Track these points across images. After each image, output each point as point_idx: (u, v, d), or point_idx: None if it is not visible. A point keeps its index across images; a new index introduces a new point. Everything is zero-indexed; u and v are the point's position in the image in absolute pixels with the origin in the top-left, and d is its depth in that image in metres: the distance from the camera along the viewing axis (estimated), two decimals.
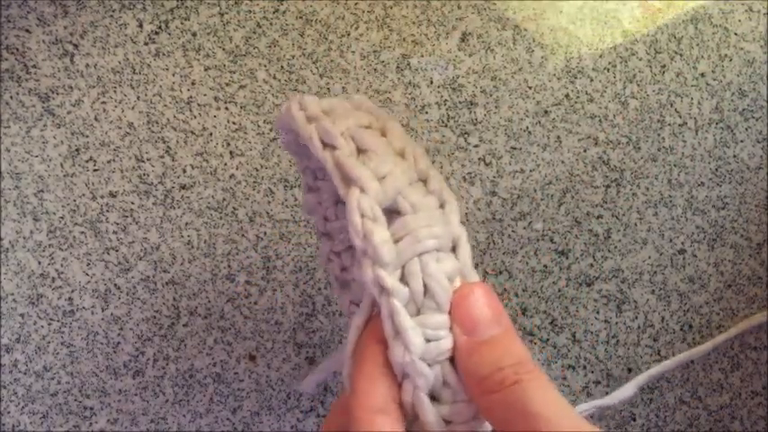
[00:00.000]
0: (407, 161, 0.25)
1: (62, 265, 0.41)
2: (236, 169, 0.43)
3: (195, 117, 0.43)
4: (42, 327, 0.40)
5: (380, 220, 0.24)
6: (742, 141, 0.47)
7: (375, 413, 0.24)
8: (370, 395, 0.24)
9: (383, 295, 0.24)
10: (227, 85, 0.43)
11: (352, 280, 0.37)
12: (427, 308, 0.24)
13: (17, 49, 0.42)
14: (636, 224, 0.45)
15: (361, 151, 0.25)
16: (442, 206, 0.25)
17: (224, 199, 0.42)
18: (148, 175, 0.42)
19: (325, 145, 0.26)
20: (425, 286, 0.24)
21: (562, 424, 0.22)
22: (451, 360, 0.24)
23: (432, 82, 0.45)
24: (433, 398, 0.24)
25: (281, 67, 0.44)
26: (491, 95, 0.45)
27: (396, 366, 0.24)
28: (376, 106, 0.28)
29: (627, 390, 0.43)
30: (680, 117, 0.46)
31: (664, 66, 0.46)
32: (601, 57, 0.46)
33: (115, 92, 0.42)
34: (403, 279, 0.24)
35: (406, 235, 0.24)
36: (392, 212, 0.25)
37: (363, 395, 0.24)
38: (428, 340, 0.24)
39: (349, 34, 0.44)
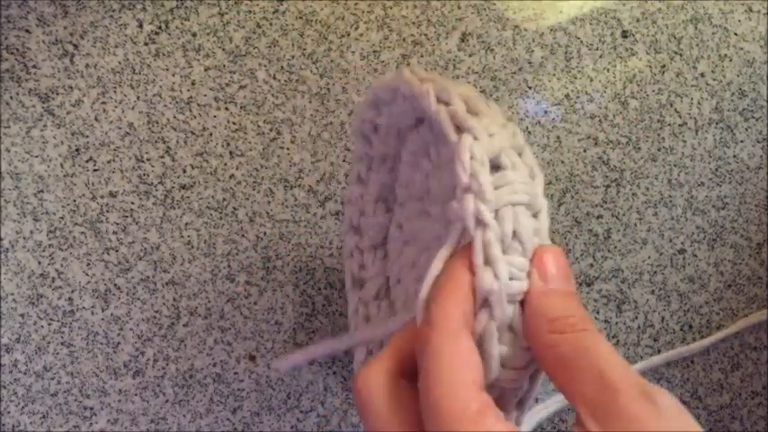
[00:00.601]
0: (508, 131, 0.28)
1: (62, 265, 0.41)
2: (236, 169, 0.43)
3: (195, 117, 0.43)
4: (42, 327, 0.40)
5: (487, 165, 0.26)
6: (742, 141, 0.47)
7: (454, 329, 0.25)
8: (452, 314, 0.25)
9: (479, 228, 0.26)
10: (227, 85, 0.43)
11: (368, 279, 0.39)
12: (513, 249, 0.26)
13: (17, 49, 0.42)
14: (636, 224, 0.45)
15: (471, 112, 0.28)
16: (532, 177, 0.28)
17: (224, 199, 0.42)
18: (148, 175, 0.42)
19: (439, 102, 0.28)
20: (514, 231, 0.26)
21: (627, 374, 0.23)
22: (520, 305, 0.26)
23: None
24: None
25: (281, 67, 0.44)
26: (491, 95, 0.45)
27: (479, 293, 0.26)
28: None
29: None
30: (680, 117, 0.46)
31: (664, 66, 0.46)
32: (601, 57, 0.46)
33: (115, 92, 0.42)
34: (496, 220, 0.26)
35: (505, 185, 0.26)
36: (492, 168, 0.27)
37: (445, 312, 0.25)
38: (511, 278, 0.26)
39: (349, 34, 0.44)
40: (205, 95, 0.43)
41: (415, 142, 0.35)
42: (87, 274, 0.41)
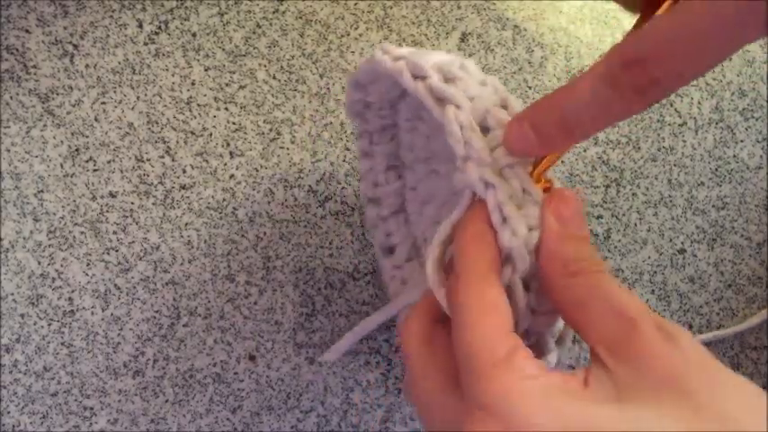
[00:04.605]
0: (489, 89, 0.28)
1: (62, 266, 0.41)
2: (236, 169, 0.43)
3: (195, 117, 0.43)
4: (42, 327, 0.40)
5: (477, 130, 0.27)
6: (742, 141, 0.47)
7: (480, 277, 0.25)
8: (477, 262, 0.26)
9: (489, 190, 0.26)
10: (227, 85, 0.43)
11: (396, 244, 0.41)
12: (527, 201, 0.26)
13: (17, 50, 0.42)
14: (636, 224, 0.45)
15: (448, 80, 0.28)
16: None
17: (224, 199, 0.42)
18: (148, 175, 0.42)
19: (416, 78, 0.28)
20: (523, 187, 0.26)
21: (645, 310, 0.23)
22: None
23: None
24: (524, 286, 0.26)
25: (281, 67, 0.44)
26: None
27: (501, 250, 0.26)
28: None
29: None
30: (680, 117, 0.46)
31: None
32: (601, 57, 0.46)
33: (115, 92, 0.42)
34: (501, 178, 0.26)
35: (498, 146, 0.26)
36: (482, 129, 0.27)
37: (470, 261, 0.26)
38: (530, 229, 0.26)
39: (349, 34, 0.44)
40: (205, 95, 0.43)
41: (408, 110, 0.36)
42: (87, 274, 0.41)
